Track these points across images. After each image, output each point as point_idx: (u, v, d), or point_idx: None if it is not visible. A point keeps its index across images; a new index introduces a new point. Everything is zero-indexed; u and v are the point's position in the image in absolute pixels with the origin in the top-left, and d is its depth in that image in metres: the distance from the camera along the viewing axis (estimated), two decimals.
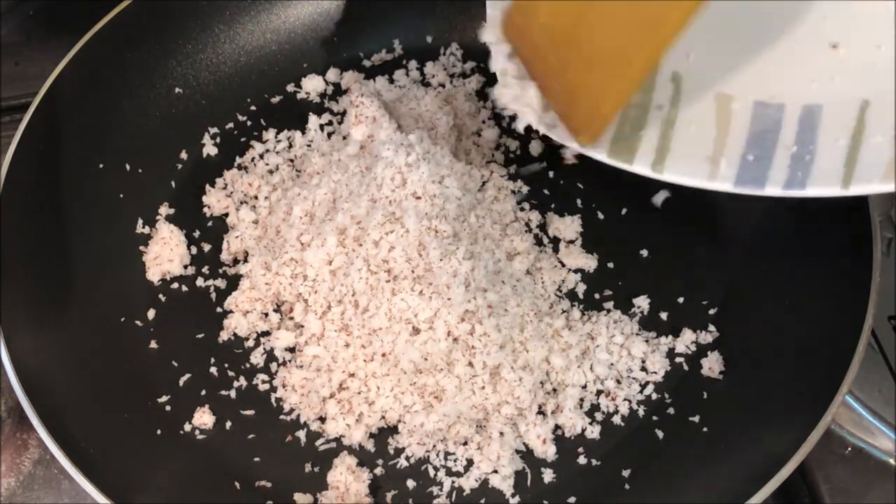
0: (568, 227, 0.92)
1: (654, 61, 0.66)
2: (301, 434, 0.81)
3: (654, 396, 0.82)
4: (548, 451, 0.79)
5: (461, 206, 0.86)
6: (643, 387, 0.83)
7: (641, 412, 0.82)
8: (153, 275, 0.89)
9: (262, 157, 0.99)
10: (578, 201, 0.94)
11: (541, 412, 0.81)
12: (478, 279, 0.81)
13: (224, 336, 0.86)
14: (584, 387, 0.82)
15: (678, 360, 0.84)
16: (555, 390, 0.82)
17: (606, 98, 0.69)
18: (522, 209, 0.94)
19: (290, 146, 1.00)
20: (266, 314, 0.87)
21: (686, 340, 0.85)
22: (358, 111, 0.95)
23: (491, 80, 1.02)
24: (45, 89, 0.87)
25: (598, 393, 0.82)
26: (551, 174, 0.97)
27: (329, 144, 0.94)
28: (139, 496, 0.72)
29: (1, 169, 0.81)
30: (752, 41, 0.74)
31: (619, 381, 0.83)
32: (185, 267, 0.91)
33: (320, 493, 0.77)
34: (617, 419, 0.81)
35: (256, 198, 0.95)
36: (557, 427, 0.80)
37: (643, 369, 0.83)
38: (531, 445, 0.79)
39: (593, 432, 0.80)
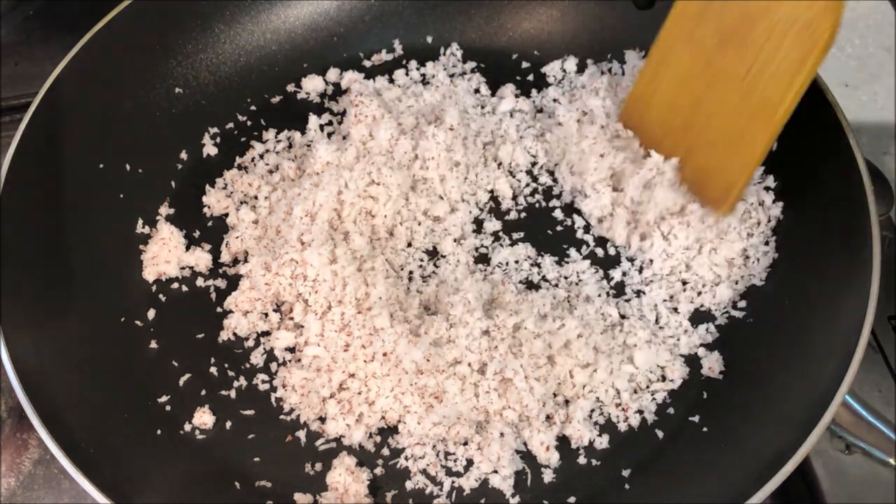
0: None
1: (774, 139, 0.79)
2: (301, 434, 0.81)
3: (659, 399, 0.82)
4: (551, 459, 0.78)
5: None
6: (654, 394, 0.82)
7: (643, 414, 0.82)
8: (149, 274, 0.89)
9: (262, 157, 0.99)
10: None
11: (547, 418, 0.80)
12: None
13: (224, 336, 0.86)
14: (599, 399, 0.81)
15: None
16: (567, 402, 0.81)
17: (739, 175, 0.81)
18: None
19: (290, 146, 1.00)
20: (266, 314, 0.87)
21: (686, 340, 0.85)
22: (358, 111, 0.95)
23: (490, 80, 1.03)
24: (45, 89, 0.87)
25: (614, 405, 0.82)
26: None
27: (329, 144, 0.95)
28: (139, 496, 0.72)
29: (1, 169, 0.81)
30: None
31: (636, 392, 0.82)
32: (182, 269, 0.91)
33: (320, 494, 0.77)
34: (622, 426, 0.81)
35: (256, 198, 0.95)
36: (565, 438, 0.80)
37: (662, 378, 0.83)
38: (534, 452, 0.79)
39: (602, 443, 0.79)
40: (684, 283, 0.88)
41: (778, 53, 0.75)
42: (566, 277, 0.89)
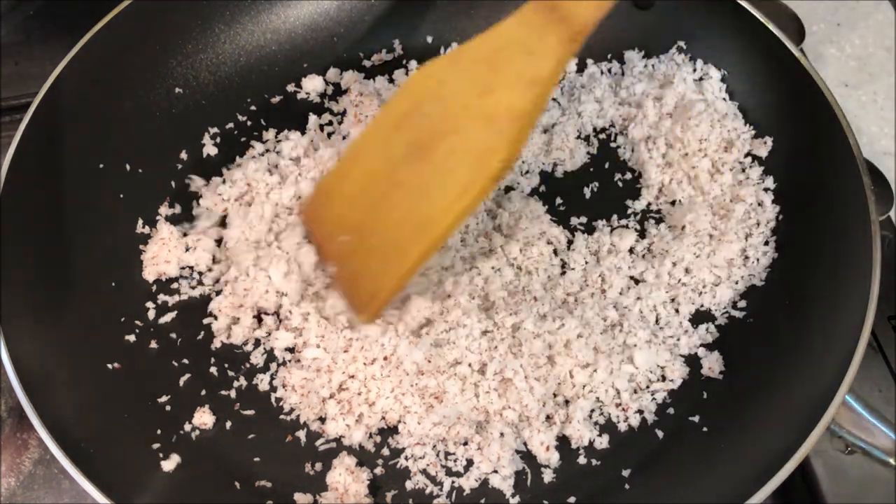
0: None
1: (426, 256, 0.76)
2: (301, 434, 0.81)
3: (659, 399, 0.82)
4: (551, 459, 0.78)
5: None
6: (654, 394, 0.82)
7: (643, 414, 0.82)
8: (149, 274, 0.89)
9: (262, 156, 0.99)
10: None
11: (547, 418, 0.80)
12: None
13: (219, 339, 0.86)
14: (599, 399, 0.82)
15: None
16: (567, 402, 0.82)
17: (384, 284, 0.78)
18: None
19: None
20: (260, 318, 0.87)
21: (686, 340, 0.85)
22: (358, 111, 0.95)
23: None
24: (45, 89, 0.86)
25: (614, 405, 0.82)
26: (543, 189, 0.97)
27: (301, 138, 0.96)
28: (139, 496, 0.72)
29: (1, 169, 0.81)
30: None
31: (636, 392, 0.82)
32: (182, 269, 0.91)
33: (320, 494, 0.77)
34: (622, 426, 0.81)
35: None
36: (565, 437, 0.80)
37: (662, 378, 0.83)
38: (534, 452, 0.79)
39: (602, 443, 0.80)
40: (684, 284, 0.88)
41: (452, 175, 0.74)
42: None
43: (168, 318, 0.87)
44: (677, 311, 0.86)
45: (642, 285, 0.87)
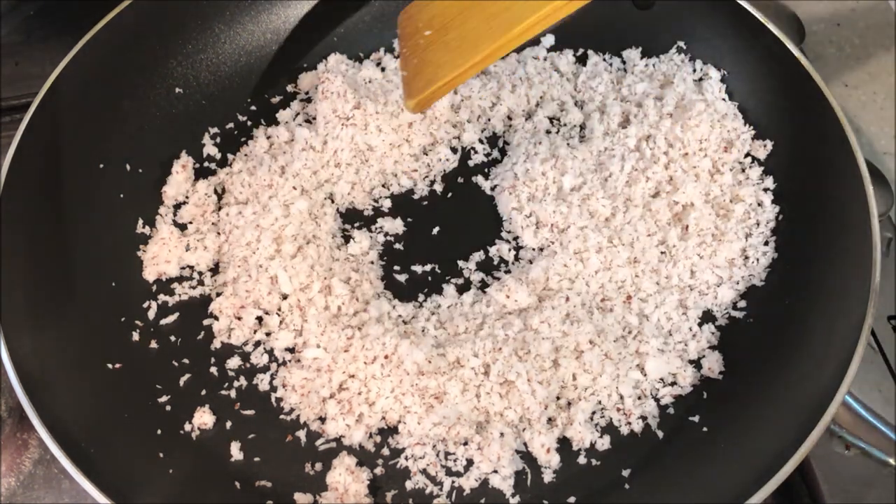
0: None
1: (495, 56, 0.77)
2: (301, 434, 0.81)
3: (664, 403, 0.82)
4: (551, 461, 0.78)
5: None
6: (659, 400, 0.82)
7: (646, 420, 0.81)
8: (149, 274, 0.89)
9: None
10: None
11: (549, 421, 0.80)
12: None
13: (218, 340, 0.86)
14: (600, 402, 0.81)
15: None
16: (569, 404, 0.81)
17: (445, 73, 0.79)
18: None
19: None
20: (260, 319, 0.87)
21: (694, 345, 0.84)
22: (324, 87, 0.95)
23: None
24: (45, 89, 0.87)
25: (616, 409, 0.81)
26: None
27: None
28: (139, 496, 0.72)
29: (1, 169, 0.81)
30: None
31: (639, 398, 0.82)
32: (182, 269, 0.91)
33: (320, 494, 0.77)
34: (624, 429, 0.81)
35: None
36: (565, 439, 0.79)
37: (673, 384, 0.82)
38: (535, 454, 0.78)
39: (603, 444, 0.79)
40: (691, 287, 0.87)
41: None
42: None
43: (168, 318, 0.87)
44: (686, 315, 0.86)
45: (657, 291, 0.87)
